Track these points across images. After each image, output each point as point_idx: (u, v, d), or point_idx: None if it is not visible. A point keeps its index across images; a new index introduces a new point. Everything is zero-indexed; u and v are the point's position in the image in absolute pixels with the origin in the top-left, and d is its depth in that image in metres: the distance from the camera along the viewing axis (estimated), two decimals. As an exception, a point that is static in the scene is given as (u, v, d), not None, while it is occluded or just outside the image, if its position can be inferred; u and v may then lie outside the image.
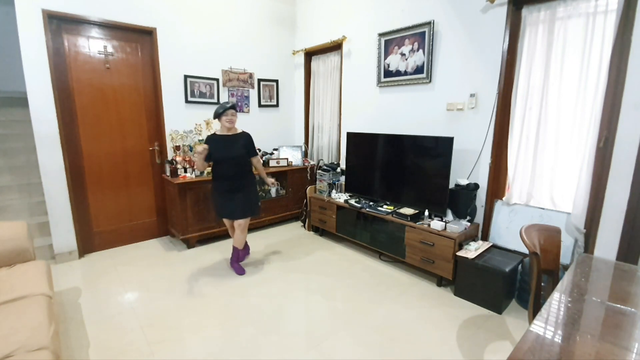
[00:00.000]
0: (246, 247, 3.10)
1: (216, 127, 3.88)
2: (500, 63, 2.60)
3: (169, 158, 3.59)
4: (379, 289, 2.70)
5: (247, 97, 4.29)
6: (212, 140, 2.76)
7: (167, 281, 2.80)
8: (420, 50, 3.09)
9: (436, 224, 2.69)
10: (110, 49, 3.25)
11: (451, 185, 2.83)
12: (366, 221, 3.25)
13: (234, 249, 2.97)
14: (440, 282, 2.74)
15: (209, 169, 3.53)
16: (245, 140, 2.81)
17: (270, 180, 3.09)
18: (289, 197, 4.24)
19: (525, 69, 2.52)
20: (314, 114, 4.58)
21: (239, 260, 3.03)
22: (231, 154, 2.73)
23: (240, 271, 2.95)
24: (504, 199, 2.77)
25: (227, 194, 2.77)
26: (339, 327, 2.21)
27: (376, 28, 3.47)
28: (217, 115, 2.71)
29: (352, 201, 3.43)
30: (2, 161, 3.60)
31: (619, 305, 1.26)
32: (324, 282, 2.80)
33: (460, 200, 2.78)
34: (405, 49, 3.22)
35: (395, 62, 3.34)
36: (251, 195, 2.88)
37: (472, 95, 2.79)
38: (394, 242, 3.00)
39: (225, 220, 2.98)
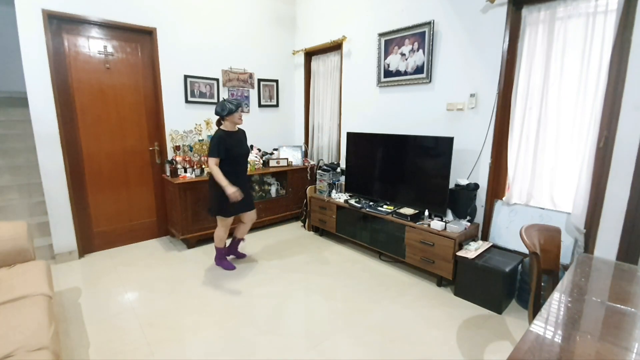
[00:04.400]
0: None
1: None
2: (500, 63, 2.60)
3: (169, 158, 3.59)
4: (379, 289, 2.70)
5: (247, 97, 4.29)
6: (227, 137, 2.75)
7: (167, 281, 2.80)
8: (420, 50, 3.09)
9: (436, 224, 2.69)
10: (110, 49, 3.25)
11: (451, 185, 2.83)
12: (366, 221, 3.25)
13: (236, 241, 3.19)
14: (440, 282, 2.74)
15: (209, 168, 3.55)
16: (245, 137, 2.97)
17: None
18: (289, 197, 4.23)
19: (525, 69, 2.52)
20: (314, 114, 4.58)
21: (231, 254, 3.22)
22: (243, 150, 2.89)
23: (231, 266, 3.06)
24: (504, 199, 2.77)
25: (242, 189, 2.78)
26: (339, 327, 2.21)
27: (376, 28, 3.47)
28: (231, 112, 2.71)
29: (352, 201, 3.43)
30: (2, 161, 3.60)
31: (619, 305, 1.26)
32: (324, 282, 2.80)
33: (460, 200, 2.78)
34: (405, 49, 3.22)
35: (395, 62, 3.34)
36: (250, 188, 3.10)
37: (472, 95, 2.79)
38: (394, 242, 3.00)
39: (230, 219, 2.94)
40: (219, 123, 2.83)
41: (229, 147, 2.72)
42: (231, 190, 2.66)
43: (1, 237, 2.12)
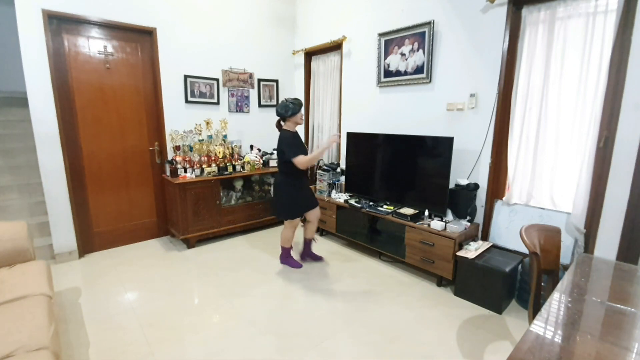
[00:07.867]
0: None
1: (217, 126, 3.91)
2: (500, 63, 2.60)
3: (169, 158, 3.59)
4: (379, 289, 2.70)
5: (247, 97, 4.29)
6: (298, 136, 2.76)
7: (167, 281, 2.80)
8: (420, 50, 3.09)
9: (436, 224, 2.69)
10: (110, 49, 3.25)
11: (451, 185, 2.82)
12: (366, 221, 3.25)
13: (307, 242, 3.13)
14: (440, 282, 2.74)
15: (210, 168, 3.55)
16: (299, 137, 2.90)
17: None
18: (289, 197, 4.23)
19: (525, 69, 2.52)
20: (314, 114, 4.58)
21: (306, 256, 3.19)
22: (304, 150, 2.82)
23: (298, 264, 3.05)
24: (504, 199, 2.77)
25: (307, 187, 2.87)
26: (339, 327, 2.21)
27: (376, 28, 3.47)
28: (294, 112, 2.64)
29: (352, 201, 3.43)
30: (2, 161, 3.60)
31: (619, 305, 1.26)
32: (323, 282, 2.80)
33: (460, 200, 2.78)
34: (405, 49, 3.22)
35: (395, 62, 3.34)
36: None
37: (472, 95, 2.79)
38: (394, 242, 3.00)
39: (298, 219, 2.96)
40: (279, 125, 2.73)
41: (302, 146, 2.68)
42: (329, 140, 2.73)
43: (1, 237, 2.12)
